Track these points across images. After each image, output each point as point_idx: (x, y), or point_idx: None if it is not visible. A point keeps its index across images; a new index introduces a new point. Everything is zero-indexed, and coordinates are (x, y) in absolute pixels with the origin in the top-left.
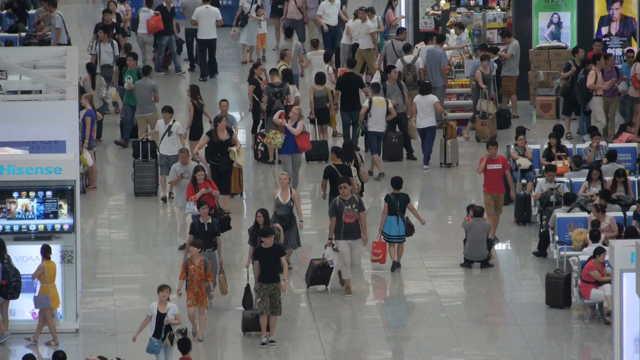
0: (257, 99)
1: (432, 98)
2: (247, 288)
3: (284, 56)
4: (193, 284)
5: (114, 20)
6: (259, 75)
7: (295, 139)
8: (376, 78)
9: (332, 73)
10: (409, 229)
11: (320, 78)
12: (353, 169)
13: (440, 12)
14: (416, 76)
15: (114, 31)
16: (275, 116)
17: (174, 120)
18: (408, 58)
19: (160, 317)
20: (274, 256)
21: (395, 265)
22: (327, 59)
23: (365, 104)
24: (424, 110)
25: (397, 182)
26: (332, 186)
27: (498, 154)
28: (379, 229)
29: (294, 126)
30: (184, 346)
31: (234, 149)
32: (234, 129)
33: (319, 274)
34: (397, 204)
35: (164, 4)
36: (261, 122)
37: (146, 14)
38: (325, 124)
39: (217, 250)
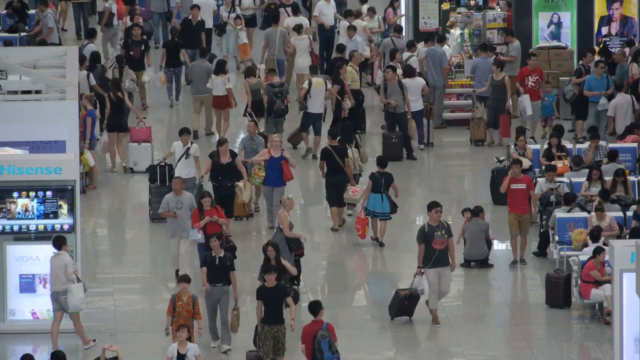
0: (340, 99)
1: (420, 81)
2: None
3: (352, 57)
4: (179, 321)
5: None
6: (344, 75)
7: (280, 170)
8: (380, 77)
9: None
10: (393, 207)
11: (250, 71)
12: (355, 150)
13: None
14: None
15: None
16: (257, 156)
17: (191, 143)
18: (406, 55)
19: (181, 357)
20: (278, 296)
21: (379, 243)
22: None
23: (304, 85)
24: (415, 93)
25: (382, 161)
26: (328, 167)
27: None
28: (361, 204)
29: (279, 156)
30: (315, 308)
31: (240, 184)
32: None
33: (405, 305)
34: (382, 182)
35: (189, 17)
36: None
37: (114, 5)
38: (260, 116)
39: (232, 285)
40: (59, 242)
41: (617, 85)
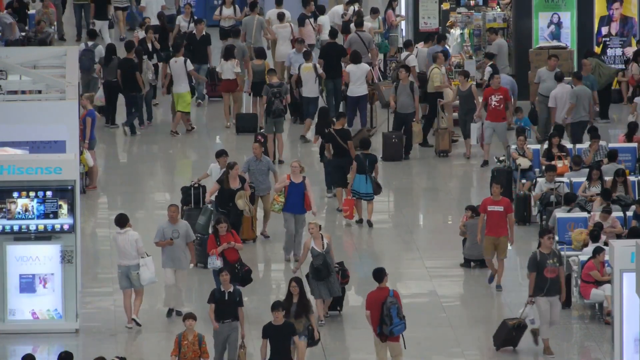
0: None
1: (365, 67)
2: None
3: (436, 59)
4: None
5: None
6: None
7: (302, 197)
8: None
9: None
10: (377, 187)
11: (260, 53)
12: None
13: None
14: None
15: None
16: (278, 185)
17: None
18: (404, 55)
19: None
20: (285, 335)
21: (367, 224)
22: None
23: (295, 70)
24: (359, 78)
25: (365, 143)
26: (333, 150)
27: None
28: (348, 186)
29: (300, 182)
30: (380, 275)
31: (243, 194)
32: (273, 175)
33: (512, 335)
34: (366, 163)
35: (194, 32)
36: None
37: None
38: (260, 96)
39: (240, 321)
40: (122, 220)
41: (557, 76)
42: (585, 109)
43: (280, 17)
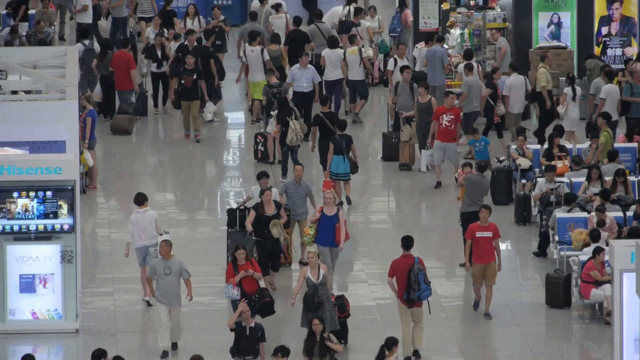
0: (493, 104)
1: (340, 52)
2: None
3: (544, 58)
4: None
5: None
6: (497, 80)
7: (335, 230)
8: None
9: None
10: (354, 167)
11: (275, 38)
12: (295, 122)
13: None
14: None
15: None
16: (312, 218)
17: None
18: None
19: None
20: None
21: (347, 200)
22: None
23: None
24: (334, 63)
25: (341, 124)
26: (321, 133)
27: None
28: (327, 168)
29: (333, 214)
30: (408, 243)
31: (277, 222)
32: (310, 200)
33: None
34: (343, 144)
35: (185, 43)
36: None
37: None
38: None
39: (261, 358)
40: (141, 198)
41: (513, 65)
42: (477, 100)
43: (276, 7)
